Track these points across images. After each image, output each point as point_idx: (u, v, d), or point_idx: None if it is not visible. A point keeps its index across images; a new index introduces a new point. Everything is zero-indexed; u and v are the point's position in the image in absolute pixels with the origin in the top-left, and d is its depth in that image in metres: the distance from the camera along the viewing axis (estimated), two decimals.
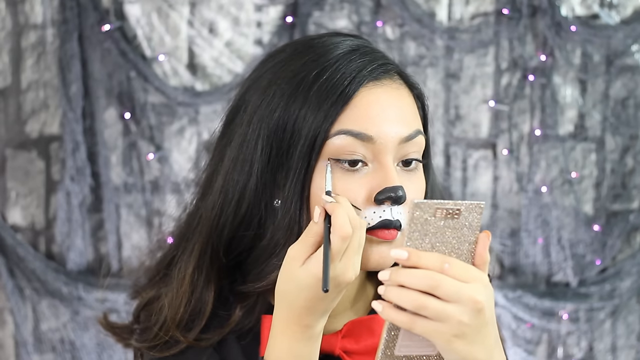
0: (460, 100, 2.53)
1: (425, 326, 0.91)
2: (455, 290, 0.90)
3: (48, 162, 2.56)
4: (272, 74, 1.09)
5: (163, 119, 2.51)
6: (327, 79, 1.06)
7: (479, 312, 0.91)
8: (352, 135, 1.04)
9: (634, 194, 2.58)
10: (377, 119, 1.04)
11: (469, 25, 2.52)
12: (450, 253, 0.94)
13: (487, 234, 0.95)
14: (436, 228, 0.93)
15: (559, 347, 2.58)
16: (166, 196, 2.52)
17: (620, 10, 2.54)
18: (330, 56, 1.08)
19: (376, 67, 1.07)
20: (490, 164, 2.56)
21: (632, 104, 2.56)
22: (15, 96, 2.54)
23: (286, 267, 1.00)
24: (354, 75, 1.05)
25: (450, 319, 0.90)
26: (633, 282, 2.55)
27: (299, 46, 1.11)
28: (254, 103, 1.09)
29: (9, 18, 2.53)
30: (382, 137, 1.04)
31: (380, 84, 1.07)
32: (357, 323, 1.11)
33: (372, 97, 1.06)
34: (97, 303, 2.50)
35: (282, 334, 1.02)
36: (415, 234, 0.92)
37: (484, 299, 0.91)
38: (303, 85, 1.06)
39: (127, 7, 2.50)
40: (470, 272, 0.92)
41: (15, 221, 2.57)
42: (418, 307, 0.91)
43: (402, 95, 1.08)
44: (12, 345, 2.59)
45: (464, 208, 0.92)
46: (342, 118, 1.04)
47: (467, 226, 0.94)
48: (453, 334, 0.91)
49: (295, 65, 1.08)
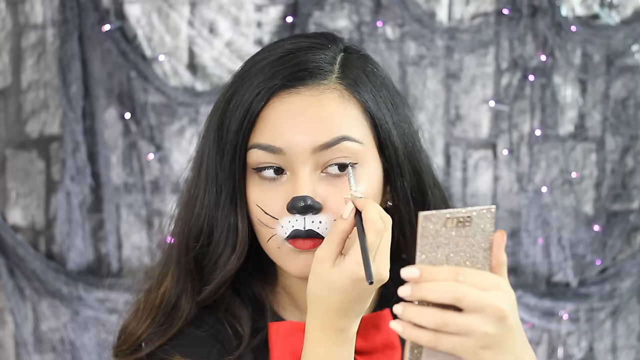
0: (461, 100, 2.53)
1: (450, 342, 0.89)
2: (478, 299, 0.88)
3: (48, 162, 2.56)
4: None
5: (163, 119, 2.51)
6: (242, 93, 1.07)
7: (503, 320, 0.89)
8: (262, 148, 1.05)
9: (634, 194, 2.58)
10: (286, 130, 1.04)
11: (469, 25, 2.52)
12: (466, 262, 0.91)
13: (502, 233, 0.93)
14: (448, 238, 0.90)
15: (559, 347, 2.58)
16: (166, 196, 2.52)
17: (621, 10, 2.54)
18: (252, 68, 1.08)
19: (290, 74, 1.05)
20: (491, 164, 2.56)
21: (632, 104, 2.56)
22: (16, 96, 2.54)
23: (316, 270, 0.99)
24: (262, 87, 1.05)
25: (474, 332, 0.88)
26: (633, 282, 2.55)
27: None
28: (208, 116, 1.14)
29: (9, 18, 2.53)
30: (292, 148, 1.03)
31: (295, 92, 1.05)
32: (363, 321, 1.11)
33: (283, 107, 1.05)
34: (97, 303, 2.50)
35: (318, 340, 1.00)
36: (427, 247, 0.89)
37: (506, 306, 0.89)
38: (225, 101, 1.09)
39: (127, 7, 2.50)
40: (488, 279, 0.90)
41: (16, 221, 2.57)
42: (440, 324, 0.88)
43: (323, 101, 1.05)
44: (12, 345, 2.59)
45: (475, 214, 0.90)
46: (255, 131, 1.06)
47: (480, 232, 0.91)
48: (480, 346, 0.89)
49: (232, 77, 1.11)
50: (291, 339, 1.11)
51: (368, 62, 1.13)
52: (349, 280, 0.96)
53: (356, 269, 0.96)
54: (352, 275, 0.96)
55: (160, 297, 1.13)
